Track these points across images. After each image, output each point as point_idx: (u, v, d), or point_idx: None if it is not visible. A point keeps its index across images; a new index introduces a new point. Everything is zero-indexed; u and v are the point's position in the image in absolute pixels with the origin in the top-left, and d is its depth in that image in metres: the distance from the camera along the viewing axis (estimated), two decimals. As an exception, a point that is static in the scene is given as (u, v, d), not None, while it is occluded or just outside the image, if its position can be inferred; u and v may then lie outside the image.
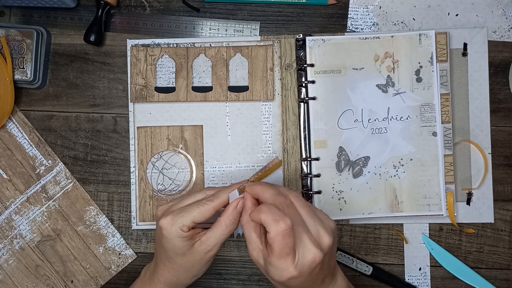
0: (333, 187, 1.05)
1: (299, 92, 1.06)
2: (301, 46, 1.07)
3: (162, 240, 0.89)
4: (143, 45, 1.09)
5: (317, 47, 1.06)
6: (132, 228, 1.09)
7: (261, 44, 1.08)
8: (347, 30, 1.09)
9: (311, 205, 0.83)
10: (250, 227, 0.82)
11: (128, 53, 1.09)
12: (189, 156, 1.08)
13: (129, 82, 1.09)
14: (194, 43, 1.09)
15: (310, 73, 1.05)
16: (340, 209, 1.05)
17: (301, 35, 1.07)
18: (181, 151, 1.08)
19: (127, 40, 1.09)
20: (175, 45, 1.09)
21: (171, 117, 1.09)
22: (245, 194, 0.85)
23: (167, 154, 1.09)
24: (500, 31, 1.08)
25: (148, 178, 1.09)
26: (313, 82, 1.05)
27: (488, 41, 1.08)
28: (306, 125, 1.06)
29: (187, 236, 0.87)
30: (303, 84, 1.06)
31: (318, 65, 1.05)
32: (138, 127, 1.09)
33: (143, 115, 1.09)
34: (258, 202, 0.85)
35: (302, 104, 1.06)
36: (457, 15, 1.08)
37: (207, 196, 0.89)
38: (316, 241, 0.78)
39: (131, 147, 1.09)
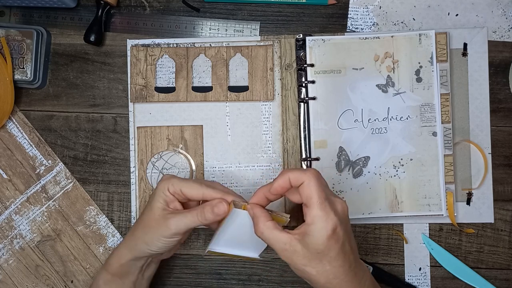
0: (333, 187, 1.05)
1: (299, 92, 1.06)
2: (301, 46, 1.07)
3: (152, 195, 0.93)
4: (143, 45, 1.09)
5: (317, 47, 1.06)
6: (132, 228, 1.10)
7: (261, 44, 1.08)
8: (347, 30, 1.09)
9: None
10: (270, 227, 0.82)
11: (128, 53, 1.09)
12: (189, 156, 1.08)
13: (129, 82, 1.09)
14: (194, 43, 1.09)
15: (310, 73, 1.05)
16: (340, 209, 1.05)
17: (301, 35, 1.07)
18: (181, 151, 1.08)
19: (127, 40, 1.09)
20: (175, 45, 1.09)
21: (171, 117, 1.09)
22: (251, 205, 0.86)
23: (167, 154, 1.09)
24: (500, 31, 1.08)
25: (148, 178, 1.09)
26: (313, 82, 1.05)
27: (488, 41, 1.08)
28: (306, 125, 1.06)
29: (167, 197, 0.90)
30: (303, 84, 1.06)
31: (318, 65, 1.05)
32: (138, 127, 1.09)
33: (143, 115, 1.09)
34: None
35: (302, 104, 1.06)
36: (457, 15, 1.08)
37: (209, 183, 0.91)
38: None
39: (131, 147, 1.09)
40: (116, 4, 1.09)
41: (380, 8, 1.08)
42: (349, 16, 1.09)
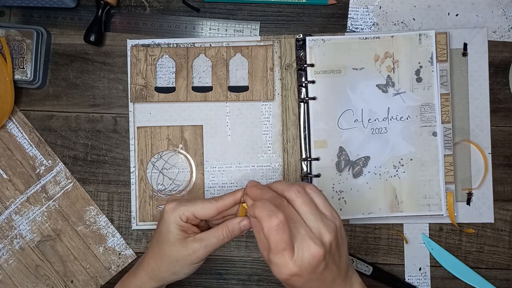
0: (333, 187, 1.05)
1: (299, 92, 1.06)
2: (301, 46, 1.07)
3: (160, 223, 0.91)
4: (143, 45, 1.09)
5: (317, 47, 1.06)
6: (132, 228, 1.09)
7: (261, 44, 1.08)
8: (347, 30, 1.09)
9: (315, 200, 0.82)
10: (258, 227, 0.80)
11: (128, 53, 1.09)
12: (189, 156, 1.08)
13: (129, 82, 1.09)
14: (194, 43, 1.09)
15: (310, 73, 1.05)
16: (340, 209, 1.05)
17: (301, 35, 1.07)
18: (181, 151, 1.08)
19: (127, 40, 1.09)
20: (175, 45, 1.09)
21: (171, 117, 1.09)
22: (246, 197, 0.87)
23: (167, 154, 1.09)
24: (500, 31, 1.08)
25: (148, 178, 1.09)
26: (313, 82, 1.05)
27: (488, 41, 1.08)
28: (306, 125, 1.06)
29: (183, 226, 0.89)
30: (303, 84, 1.06)
31: (318, 65, 1.05)
32: (138, 127, 1.09)
33: (143, 115, 1.09)
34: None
35: (302, 104, 1.06)
36: (457, 15, 1.08)
37: (214, 198, 0.91)
38: (316, 237, 0.78)
39: (131, 147, 1.09)
40: (116, 4, 1.09)
41: (380, 8, 1.08)
42: (349, 16, 1.09)
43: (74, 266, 1.10)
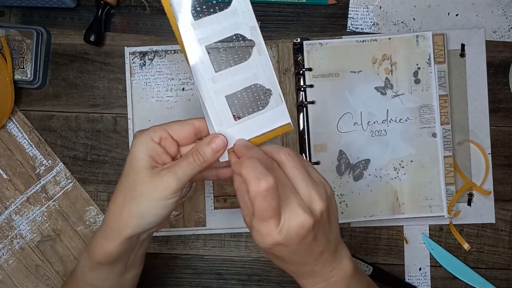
0: (334, 191, 1.05)
1: (298, 96, 1.06)
2: (298, 50, 1.06)
3: (129, 155, 0.77)
4: (140, 53, 1.08)
5: (315, 51, 1.05)
6: (132, 229, 1.10)
7: (260, 48, 1.08)
8: (347, 30, 1.09)
9: (306, 166, 0.75)
10: (243, 189, 0.71)
11: (126, 61, 1.09)
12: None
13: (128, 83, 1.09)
14: (193, 45, 1.09)
15: (308, 77, 1.05)
16: (342, 213, 1.05)
17: (299, 39, 1.06)
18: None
19: (125, 47, 1.09)
20: (172, 52, 1.08)
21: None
22: (231, 153, 0.77)
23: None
24: (500, 31, 1.07)
25: (148, 179, 1.08)
26: (311, 86, 1.05)
27: (488, 41, 1.07)
28: (306, 129, 1.06)
29: (153, 150, 0.76)
30: (302, 88, 1.06)
31: (316, 69, 1.05)
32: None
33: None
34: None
35: (301, 108, 1.06)
36: (457, 15, 1.08)
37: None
38: (306, 205, 0.71)
39: (131, 147, 1.09)
40: (116, 4, 1.09)
41: (380, 8, 1.08)
42: (349, 16, 1.09)
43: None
